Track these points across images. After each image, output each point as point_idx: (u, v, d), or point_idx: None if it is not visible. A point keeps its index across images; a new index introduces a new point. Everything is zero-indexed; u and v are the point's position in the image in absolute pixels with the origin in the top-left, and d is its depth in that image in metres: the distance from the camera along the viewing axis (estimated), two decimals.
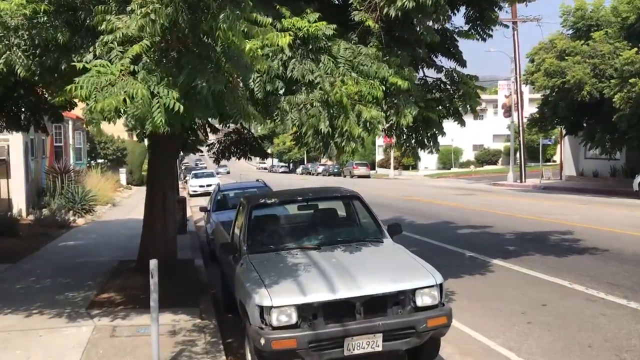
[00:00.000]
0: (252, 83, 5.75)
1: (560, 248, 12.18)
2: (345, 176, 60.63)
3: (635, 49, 23.22)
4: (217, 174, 62.18)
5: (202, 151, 13.29)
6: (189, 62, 4.57)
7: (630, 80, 22.51)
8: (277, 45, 5.19)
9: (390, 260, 6.36)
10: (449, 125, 8.85)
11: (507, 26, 14.23)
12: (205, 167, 48.64)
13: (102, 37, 4.74)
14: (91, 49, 5.18)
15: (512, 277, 9.85)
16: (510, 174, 39.48)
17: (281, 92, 6.35)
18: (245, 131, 11.25)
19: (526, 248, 12.32)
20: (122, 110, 4.31)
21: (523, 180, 37.11)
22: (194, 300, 8.61)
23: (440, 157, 60.48)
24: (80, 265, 11.61)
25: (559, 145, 47.75)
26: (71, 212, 20.30)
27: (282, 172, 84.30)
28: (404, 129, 7.80)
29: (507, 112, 41.65)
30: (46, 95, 11.62)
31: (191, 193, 36.55)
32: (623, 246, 11.94)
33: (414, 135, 8.24)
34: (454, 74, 8.23)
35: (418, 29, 6.92)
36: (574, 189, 28.67)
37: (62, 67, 5.24)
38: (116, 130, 38.24)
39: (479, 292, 8.97)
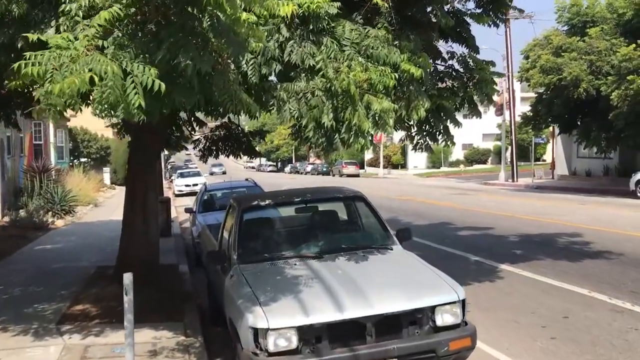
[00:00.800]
0: (245, 65, 4.93)
1: (571, 252, 11.46)
2: (334, 175, 59.89)
3: (634, 45, 22.66)
4: (212, 173, 60.79)
5: (187, 148, 12.39)
6: (170, 34, 3.74)
7: (628, 78, 21.95)
8: (277, 16, 4.38)
9: (403, 271, 5.57)
10: None
11: (522, 10, 13.50)
12: (196, 167, 47.17)
13: (63, 5, 3.89)
14: (53, 23, 4.34)
15: (524, 284, 9.11)
16: (501, 173, 38.95)
17: (276, 77, 5.53)
18: (234, 126, 10.38)
19: (534, 251, 11.59)
20: (87, 93, 3.46)
21: (515, 179, 36.59)
22: (178, 313, 7.76)
23: (429, 156, 59.95)
24: (55, 272, 10.71)
25: (549, 144, 47.41)
26: (50, 213, 19.29)
27: (270, 171, 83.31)
28: (415, 122, 6.99)
29: (499, 110, 41.06)
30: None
31: (177, 193, 35.59)
32: (637, 249, 11.25)
33: (425, 127, 7.43)
34: (469, 60, 7.44)
35: (430, 8, 6.12)
36: (568, 189, 28.12)
37: (19, 45, 4.38)
38: (100, 128, 37.18)
39: (490, 302, 8.22)
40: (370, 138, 5.37)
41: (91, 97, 4.19)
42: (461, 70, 7.65)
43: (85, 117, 43.40)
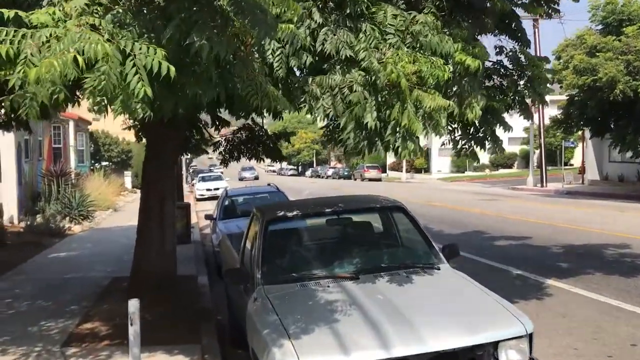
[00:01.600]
0: (270, 55, 4.17)
1: (623, 265, 10.50)
2: (355, 179, 59.14)
3: None
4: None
5: (208, 152, 11.67)
6: (180, 9, 3.00)
7: None
8: None
9: (457, 297, 4.75)
10: None
11: (558, 10, 12.63)
12: (221, 172, 46.11)
13: None
14: (45, 1, 3.63)
15: (578, 304, 8.21)
16: (530, 178, 37.72)
17: (306, 71, 4.77)
18: (257, 128, 9.63)
19: (582, 265, 10.65)
20: (75, 79, 2.72)
21: (544, 184, 35.40)
22: (195, 333, 7.03)
23: (453, 160, 58.93)
24: (67, 283, 10.08)
25: (577, 148, 45.99)
26: (67, 218, 18.80)
27: (290, 175, 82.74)
28: (467, 124, 6.13)
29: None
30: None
31: (198, 197, 35.08)
32: None
33: (470, 131, 6.59)
34: (520, 55, 6.59)
35: None
36: (601, 194, 26.94)
37: None
38: (121, 132, 36.93)
39: (543, 324, 7.33)
40: (418, 142, 4.56)
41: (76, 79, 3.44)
42: (511, 67, 6.79)
43: (107, 120, 43.39)
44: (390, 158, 68.23)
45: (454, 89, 5.09)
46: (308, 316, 4.34)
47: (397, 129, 4.27)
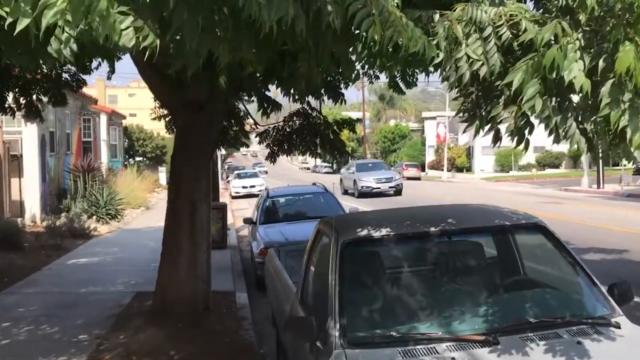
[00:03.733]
0: None
1: None
2: None
3: None
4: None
5: (248, 145, 9.89)
6: None
7: None
8: None
9: None
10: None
11: None
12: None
13: None
14: None
15: None
16: (584, 178, 35.14)
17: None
18: (315, 113, 7.75)
19: None
20: None
21: (601, 185, 32.85)
22: None
23: (497, 159, 56.51)
24: (81, 301, 8.46)
25: None
26: (94, 217, 17.36)
27: (325, 172, 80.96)
28: None
29: None
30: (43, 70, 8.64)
31: (233, 195, 33.61)
32: None
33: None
34: None
35: None
36: None
37: None
38: (157, 126, 35.78)
39: None
40: None
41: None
42: None
43: (143, 115, 42.26)
44: (430, 156, 65.92)
45: None
46: None
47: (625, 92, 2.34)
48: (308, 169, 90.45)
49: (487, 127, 2.81)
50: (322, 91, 6.61)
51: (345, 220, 3.95)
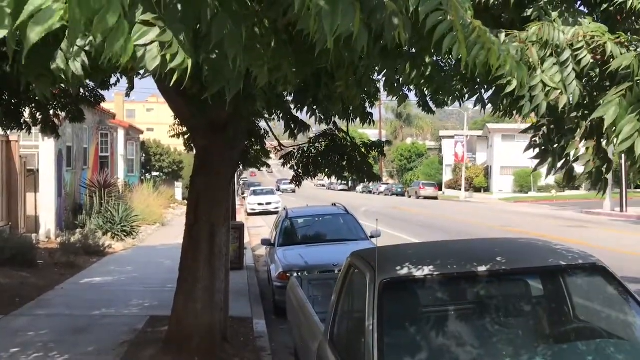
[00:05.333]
0: None
1: None
2: (410, 196, 56.50)
3: None
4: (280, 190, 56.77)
5: (269, 165, 9.56)
6: None
7: None
8: None
9: None
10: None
11: None
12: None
13: None
14: None
15: None
16: (607, 201, 34.35)
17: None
18: (342, 134, 7.38)
19: None
20: None
21: (624, 209, 32.08)
22: None
23: (516, 179, 55.80)
24: (93, 325, 8.12)
25: None
26: (109, 234, 17.12)
27: (340, 190, 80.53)
28: None
29: None
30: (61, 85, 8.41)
31: (249, 211, 33.31)
32: None
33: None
34: None
35: None
36: None
37: None
38: (174, 142, 35.75)
39: None
40: None
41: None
42: None
43: (161, 130, 42.32)
44: (447, 175, 65.27)
45: None
46: None
47: None
48: (323, 185, 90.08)
49: (559, 164, 2.44)
50: (350, 111, 6.27)
51: (381, 256, 3.56)
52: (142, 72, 1.65)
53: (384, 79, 3.24)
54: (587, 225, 24.35)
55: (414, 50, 2.59)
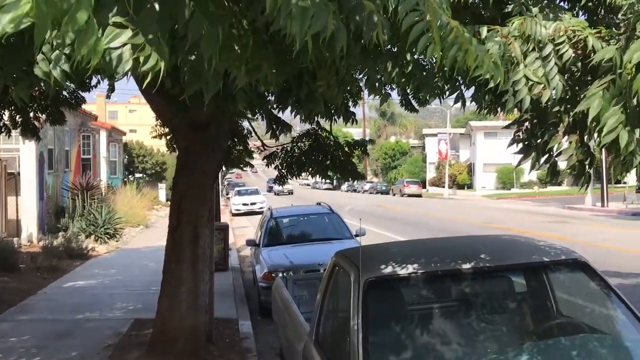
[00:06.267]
0: None
1: None
2: (394, 194, 56.69)
3: None
4: (273, 191, 56.06)
5: (252, 165, 9.51)
6: None
7: None
8: None
9: None
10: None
11: None
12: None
13: None
14: None
15: None
16: (588, 196, 34.72)
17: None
18: (325, 134, 7.37)
19: None
20: None
21: (605, 204, 32.46)
22: None
23: (499, 176, 56.20)
24: (76, 329, 8.03)
25: None
26: (92, 237, 16.95)
27: (325, 189, 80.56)
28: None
29: None
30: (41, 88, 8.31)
31: (234, 212, 33.14)
32: None
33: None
34: None
35: None
36: None
37: None
38: (157, 143, 35.52)
39: None
40: None
41: None
42: None
43: (143, 131, 42.09)
44: (431, 173, 65.57)
45: None
46: None
47: None
48: (308, 185, 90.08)
49: (542, 159, 2.45)
50: (333, 111, 6.26)
51: (365, 254, 3.56)
52: (116, 74, 1.62)
53: (365, 78, 3.25)
54: (569, 220, 24.61)
55: (395, 49, 2.59)
